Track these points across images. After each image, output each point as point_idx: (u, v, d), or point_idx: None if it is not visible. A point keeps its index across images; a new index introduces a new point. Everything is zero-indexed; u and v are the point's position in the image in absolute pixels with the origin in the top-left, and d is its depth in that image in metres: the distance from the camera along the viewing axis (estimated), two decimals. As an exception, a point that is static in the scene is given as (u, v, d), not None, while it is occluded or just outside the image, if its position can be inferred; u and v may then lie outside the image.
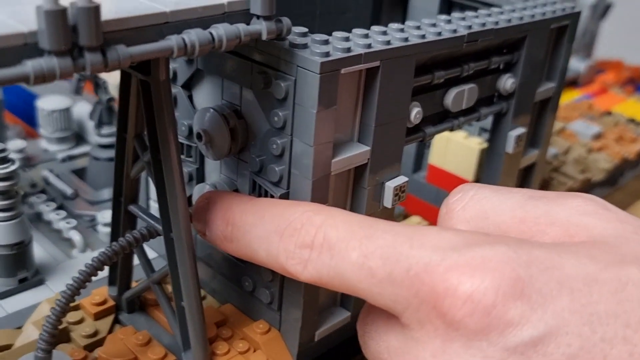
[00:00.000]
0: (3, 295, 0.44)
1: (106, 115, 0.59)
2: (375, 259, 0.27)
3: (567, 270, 0.26)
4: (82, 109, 0.67)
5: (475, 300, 0.25)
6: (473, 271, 0.25)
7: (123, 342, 0.37)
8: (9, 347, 0.38)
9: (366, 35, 0.35)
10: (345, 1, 0.54)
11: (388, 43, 0.35)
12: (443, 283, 0.26)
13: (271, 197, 0.36)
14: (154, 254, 0.46)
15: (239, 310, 0.41)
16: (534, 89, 0.49)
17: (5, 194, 0.42)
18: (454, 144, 0.57)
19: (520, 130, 0.49)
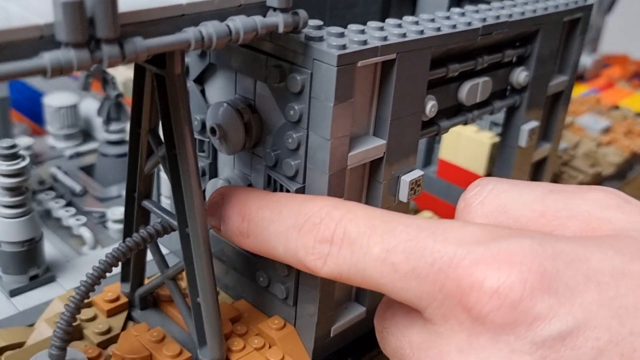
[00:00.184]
0: (14, 293, 0.43)
1: (114, 111, 0.58)
2: (398, 253, 0.27)
3: (594, 263, 0.25)
4: (89, 105, 0.67)
5: (502, 294, 0.24)
6: (499, 265, 0.25)
7: (137, 339, 0.37)
8: (21, 345, 0.38)
9: (381, 28, 0.35)
10: (354, -5, 0.53)
11: (404, 36, 0.35)
12: (469, 277, 0.25)
13: (287, 192, 0.35)
14: (164, 250, 0.45)
15: (252, 306, 0.41)
16: (547, 82, 0.49)
17: (15, 191, 0.42)
18: (464, 139, 0.57)
19: (533, 123, 0.49)
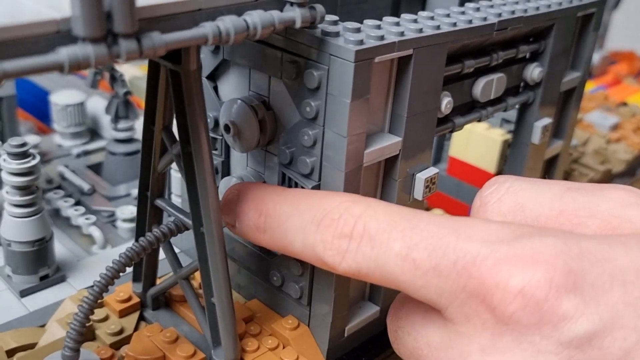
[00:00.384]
0: (24, 293, 0.43)
1: (123, 109, 0.57)
2: (420, 250, 0.27)
3: (619, 262, 0.25)
4: (96, 103, 0.66)
5: (527, 293, 0.24)
6: (524, 264, 0.24)
7: (150, 340, 0.37)
8: (33, 346, 0.38)
9: (397, 24, 0.35)
10: (365, -9, 0.53)
11: (420, 31, 0.34)
12: (492, 277, 0.25)
13: (302, 189, 0.35)
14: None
15: (266, 306, 0.41)
16: (560, 78, 0.48)
17: (26, 190, 0.42)
18: (475, 136, 0.57)
19: (547, 120, 0.48)
